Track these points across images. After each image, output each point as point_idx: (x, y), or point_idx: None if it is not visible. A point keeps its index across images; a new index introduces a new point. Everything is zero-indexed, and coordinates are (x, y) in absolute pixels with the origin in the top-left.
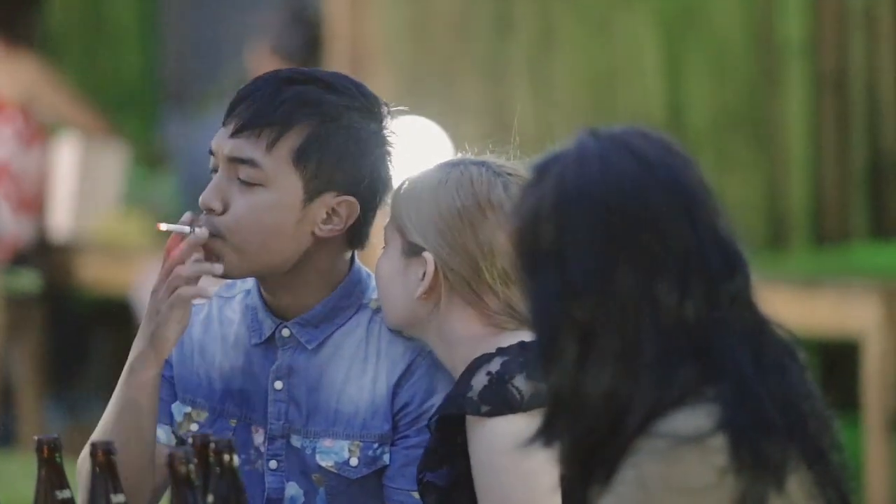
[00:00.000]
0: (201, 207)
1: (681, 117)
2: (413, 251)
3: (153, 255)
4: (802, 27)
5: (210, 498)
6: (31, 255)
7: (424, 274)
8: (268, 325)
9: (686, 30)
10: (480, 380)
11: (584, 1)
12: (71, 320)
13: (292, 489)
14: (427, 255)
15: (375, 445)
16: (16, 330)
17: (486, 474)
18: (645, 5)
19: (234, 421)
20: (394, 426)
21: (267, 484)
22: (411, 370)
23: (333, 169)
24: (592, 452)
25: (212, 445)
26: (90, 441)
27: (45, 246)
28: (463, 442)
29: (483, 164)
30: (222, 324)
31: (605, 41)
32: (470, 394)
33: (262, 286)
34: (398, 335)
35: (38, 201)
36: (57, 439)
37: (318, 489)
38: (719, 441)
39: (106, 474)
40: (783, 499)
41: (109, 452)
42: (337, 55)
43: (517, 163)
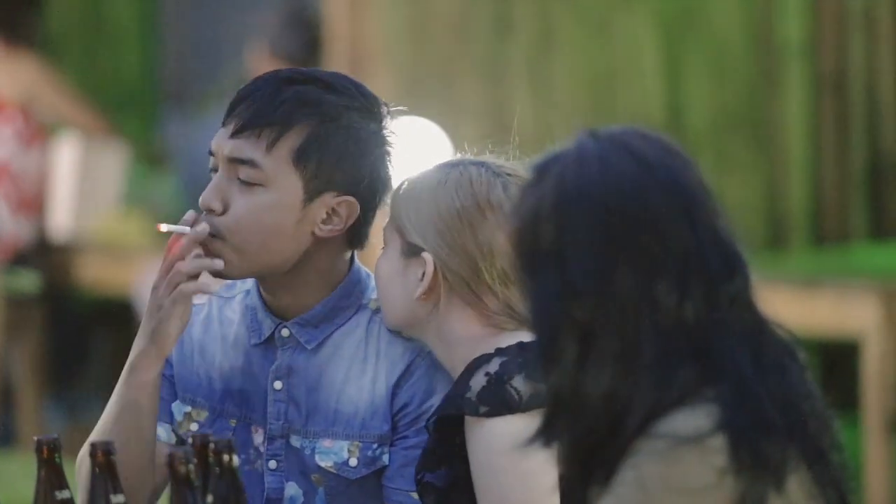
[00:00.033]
0: (201, 208)
1: (680, 118)
2: (412, 251)
3: (153, 255)
4: (802, 28)
5: (209, 498)
6: (31, 256)
7: (424, 274)
8: (267, 326)
9: (685, 31)
10: (479, 380)
11: (584, 2)
12: (71, 320)
13: (292, 489)
14: (426, 256)
15: (375, 446)
16: (16, 330)
17: (485, 475)
18: (644, 6)
19: (234, 421)
20: (393, 426)
21: (266, 484)
22: (410, 371)
23: (333, 169)
24: (592, 453)
25: (211, 445)
26: (89, 441)
27: (45, 246)
28: (461, 442)
29: (482, 165)
30: (222, 324)
31: (605, 42)
32: (468, 394)
33: (262, 286)
34: (397, 336)
35: (38, 201)
36: (56, 440)
37: (318, 489)
38: (719, 441)
39: (105, 474)
40: (783, 499)
41: (109, 453)
42: (336, 56)
43: (516, 163)
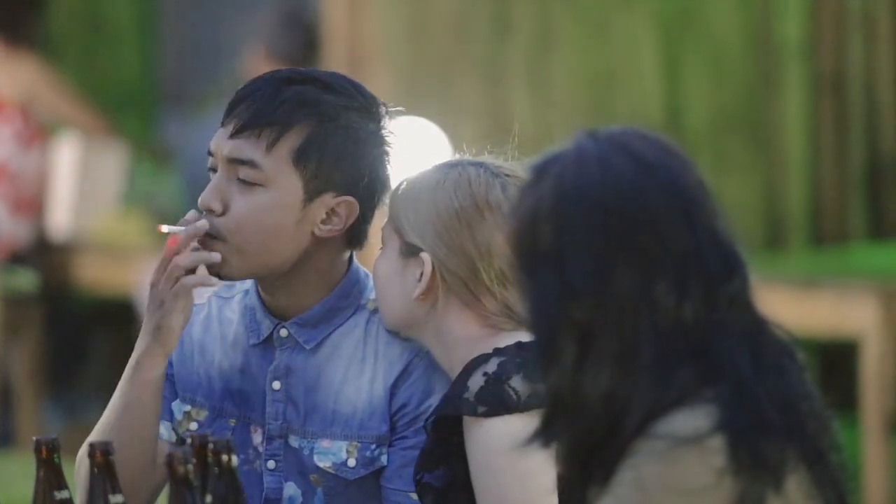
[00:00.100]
0: (201, 208)
1: (679, 118)
2: (411, 252)
3: (153, 255)
4: (801, 29)
5: (208, 498)
6: (30, 256)
7: (422, 275)
8: (266, 326)
9: (684, 31)
10: (477, 380)
11: (583, 2)
12: (70, 320)
13: (290, 489)
14: (424, 256)
15: (373, 446)
16: (15, 330)
17: (484, 475)
18: (643, 7)
19: (234, 420)
20: (391, 427)
21: (265, 484)
22: (409, 371)
23: (333, 169)
24: (591, 453)
25: (210, 445)
26: (88, 441)
27: (44, 246)
28: (460, 443)
29: (481, 165)
30: (221, 323)
31: (604, 42)
32: (466, 394)
33: (261, 286)
34: (396, 336)
35: (37, 202)
36: (55, 440)
37: (316, 489)
38: (718, 442)
39: (104, 474)
40: (782, 499)
41: (107, 453)
42: (335, 56)
43: (515, 164)
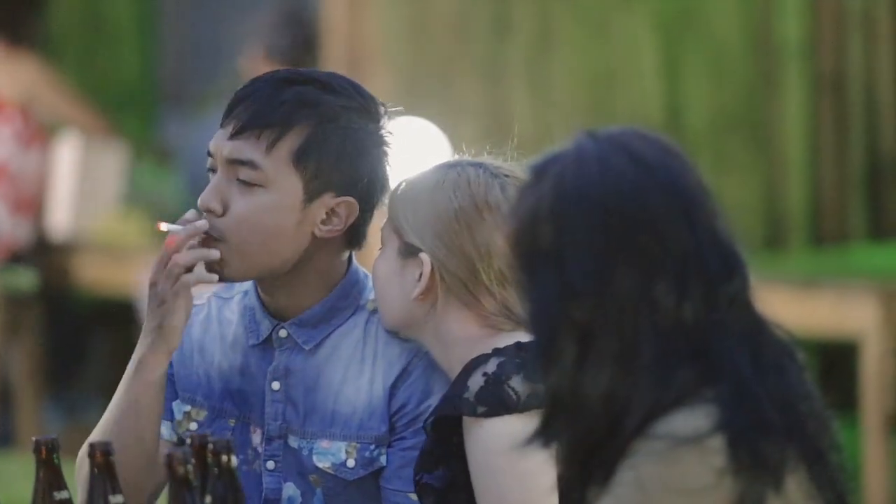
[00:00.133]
0: (200, 209)
1: (679, 119)
2: (410, 252)
3: (153, 255)
4: (801, 28)
5: (208, 498)
6: (29, 256)
7: (421, 275)
8: (265, 326)
9: (684, 31)
10: (477, 381)
11: (583, 2)
12: (69, 320)
13: (289, 490)
14: (424, 257)
15: (372, 447)
16: (14, 330)
17: (483, 475)
18: (643, 7)
19: (233, 421)
20: (391, 428)
21: (264, 484)
22: (408, 371)
23: (333, 169)
24: (591, 453)
25: (210, 446)
26: (88, 441)
27: (44, 246)
28: (459, 443)
29: (480, 166)
30: (221, 324)
31: (604, 42)
32: (466, 395)
33: (260, 287)
34: (395, 336)
35: (36, 202)
36: (55, 440)
37: (316, 490)
38: (717, 442)
39: (104, 475)
40: (781, 499)
41: (107, 453)
42: (335, 56)
43: (514, 164)
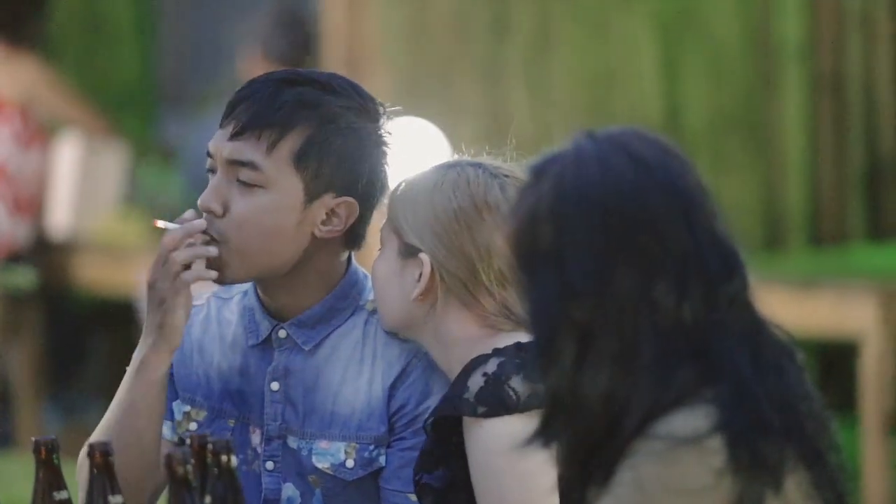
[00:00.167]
0: (200, 209)
1: (678, 119)
2: (409, 253)
3: (153, 255)
4: (799, 29)
5: (208, 499)
6: (29, 256)
7: (420, 275)
8: (265, 327)
9: (683, 32)
10: (477, 381)
11: (582, 2)
12: (69, 320)
13: (289, 490)
14: (423, 257)
15: (371, 447)
16: (14, 330)
17: (483, 476)
18: (642, 7)
19: (233, 421)
20: (390, 428)
21: (263, 485)
22: (407, 372)
23: (333, 170)
24: (590, 454)
25: (210, 446)
26: (89, 441)
27: (44, 246)
28: (459, 443)
29: (479, 166)
30: (220, 324)
31: (603, 43)
32: (466, 395)
33: (260, 287)
34: (394, 337)
35: (36, 203)
36: (54, 440)
37: (315, 490)
38: (717, 442)
39: (104, 475)
40: (780, 500)
41: (107, 453)
42: (334, 56)
43: (514, 164)
